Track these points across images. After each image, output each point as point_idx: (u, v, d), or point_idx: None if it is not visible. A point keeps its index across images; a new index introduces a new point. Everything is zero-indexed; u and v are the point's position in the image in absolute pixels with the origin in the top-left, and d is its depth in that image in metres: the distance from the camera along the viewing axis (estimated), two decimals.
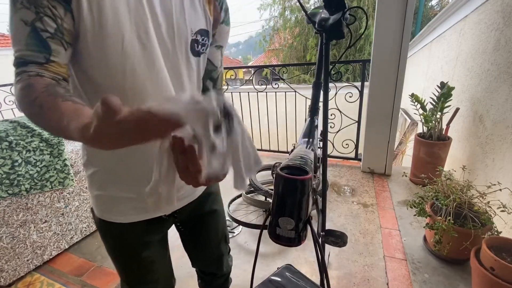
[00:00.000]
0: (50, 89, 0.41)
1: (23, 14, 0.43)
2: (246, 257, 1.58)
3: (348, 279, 1.38)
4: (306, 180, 0.41)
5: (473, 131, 1.95)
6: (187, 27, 0.59)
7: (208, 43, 0.66)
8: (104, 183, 0.64)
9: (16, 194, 1.38)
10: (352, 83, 2.55)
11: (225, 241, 0.94)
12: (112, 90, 0.53)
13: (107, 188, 0.64)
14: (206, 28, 0.63)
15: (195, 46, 0.62)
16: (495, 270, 1.02)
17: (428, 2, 9.85)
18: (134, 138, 0.28)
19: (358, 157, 2.73)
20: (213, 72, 0.75)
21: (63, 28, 0.46)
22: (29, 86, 0.41)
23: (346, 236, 1.04)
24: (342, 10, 0.83)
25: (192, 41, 0.61)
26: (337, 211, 1.95)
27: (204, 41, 0.63)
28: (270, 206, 0.44)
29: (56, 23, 0.45)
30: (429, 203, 1.43)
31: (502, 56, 1.61)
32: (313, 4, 11.01)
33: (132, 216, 0.66)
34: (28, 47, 0.44)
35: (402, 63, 2.08)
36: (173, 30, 0.57)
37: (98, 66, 0.51)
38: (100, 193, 0.66)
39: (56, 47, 0.46)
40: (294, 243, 0.43)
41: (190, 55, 0.61)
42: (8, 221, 1.37)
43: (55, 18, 0.45)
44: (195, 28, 0.60)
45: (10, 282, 1.44)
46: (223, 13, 0.68)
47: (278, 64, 8.30)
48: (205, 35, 0.63)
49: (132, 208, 0.65)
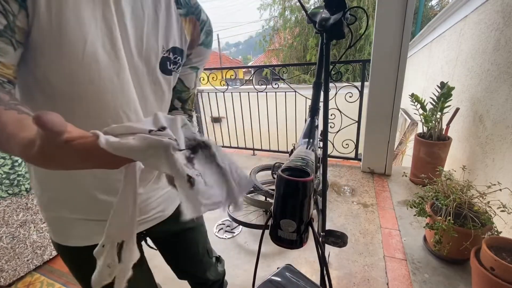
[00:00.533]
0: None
1: None
2: (246, 257, 1.58)
3: (348, 279, 1.38)
4: (307, 182, 0.41)
5: (473, 131, 1.95)
6: (158, 43, 0.56)
7: (181, 62, 0.63)
8: (54, 204, 0.59)
9: (16, 194, 1.38)
10: (352, 83, 2.55)
11: (209, 255, 0.91)
12: (71, 96, 0.49)
13: (58, 210, 0.59)
14: (180, 47, 0.61)
15: (167, 64, 0.59)
16: (495, 270, 1.02)
17: (428, 2, 9.86)
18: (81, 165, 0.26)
19: (358, 157, 2.73)
20: (183, 93, 0.72)
21: (15, 26, 0.41)
22: None
23: (346, 236, 1.04)
24: (343, 10, 0.83)
25: (163, 59, 0.58)
26: (337, 211, 1.95)
27: (177, 60, 0.61)
28: (270, 206, 0.44)
29: (7, 20, 0.40)
30: (429, 203, 1.43)
31: (502, 56, 1.62)
32: (313, 4, 11.01)
33: (88, 239, 0.60)
34: None
35: (402, 63, 2.08)
36: (142, 44, 0.54)
37: (55, 70, 0.47)
38: (52, 214, 0.60)
39: (4, 46, 0.41)
40: (296, 246, 0.43)
41: (159, 72, 0.59)
42: (8, 221, 1.37)
43: (6, 14, 0.40)
44: (167, 45, 0.58)
45: (10, 282, 1.44)
46: (203, 36, 0.66)
47: (278, 64, 8.30)
48: (179, 54, 0.61)
49: (87, 230, 0.60)
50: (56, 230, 0.62)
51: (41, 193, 0.59)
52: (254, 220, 1.87)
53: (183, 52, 0.63)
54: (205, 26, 0.65)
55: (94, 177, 0.56)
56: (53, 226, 0.62)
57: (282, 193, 0.42)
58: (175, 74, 0.64)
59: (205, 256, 0.89)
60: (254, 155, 3.24)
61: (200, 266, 0.89)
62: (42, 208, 0.61)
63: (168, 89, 0.64)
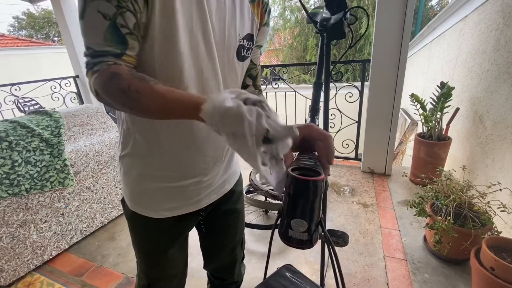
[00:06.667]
0: (135, 75, 0.44)
1: (102, 6, 0.42)
2: (246, 257, 1.57)
3: (348, 279, 1.38)
4: (318, 181, 0.41)
5: (473, 131, 1.95)
6: (236, 33, 0.60)
7: (252, 47, 0.67)
8: (141, 172, 0.64)
9: (16, 194, 1.38)
10: (352, 83, 2.55)
11: (241, 246, 0.94)
12: (172, 81, 0.54)
13: (143, 180, 0.65)
14: (252, 33, 0.65)
15: (241, 51, 0.63)
16: (495, 270, 1.02)
17: (428, 2, 9.85)
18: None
19: (358, 157, 2.73)
20: (252, 70, 0.76)
21: (141, 23, 0.46)
22: (115, 75, 0.43)
23: (347, 236, 1.04)
24: (344, 10, 0.83)
25: (239, 47, 0.62)
26: (337, 211, 1.95)
27: (249, 46, 0.65)
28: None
29: (136, 18, 0.45)
30: (429, 203, 1.43)
31: (502, 56, 1.62)
32: (313, 4, 11.01)
33: (163, 212, 0.67)
34: (107, 42, 0.44)
35: (402, 63, 2.08)
36: (225, 36, 0.58)
37: (160, 63, 0.52)
38: (136, 184, 0.66)
39: (133, 42, 0.46)
40: (306, 245, 0.42)
41: (235, 60, 0.63)
42: (8, 221, 1.37)
43: (135, 13, 0.44)
44: (242, 34, 0.62)
45: (10, 282, 1.44)
46: (266, 16, 0.69)
47: (278, 64, 8.30)
48: (250, 40, 0.65)
49: (164, 204, 0.66)
50: (136, 200, 0.68)
51: (133, 160, 0.64)
52: (254, 220, 1.87)
53: (254, 37, 0.66)
54: (267, 7, 0.68)
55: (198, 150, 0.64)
56: (134, 196, 0.68)
57: (293, 193, 0.42)
58: (248, 59, 0.68)
59: (238, 245, 0.92)
60: None
61: (231, 255, 0.91)
62: (131, 179, 0.66)
63: (241, 74, 0.68)
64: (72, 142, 1.68)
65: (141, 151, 0.62)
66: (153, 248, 0.74)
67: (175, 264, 0.78)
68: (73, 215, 1.68)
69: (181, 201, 0.68)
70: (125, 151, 0.65)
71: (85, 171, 1.71)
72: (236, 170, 0.82)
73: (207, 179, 0.69)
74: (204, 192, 0.70)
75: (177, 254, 0.77)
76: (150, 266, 0.77)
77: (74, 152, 1.66)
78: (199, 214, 0.74)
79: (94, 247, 1.73)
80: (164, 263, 0.75)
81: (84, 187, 1.72)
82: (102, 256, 1.65)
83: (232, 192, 0.81)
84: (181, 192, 0.67)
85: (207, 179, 0.69)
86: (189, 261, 0.85)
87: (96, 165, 1.77)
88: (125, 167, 0.66)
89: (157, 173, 0.64)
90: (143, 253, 0.76)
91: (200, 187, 0.68)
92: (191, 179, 0.66)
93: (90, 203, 1.77)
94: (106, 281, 1.47)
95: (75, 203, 1.68)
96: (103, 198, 1.85)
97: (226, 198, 0.79)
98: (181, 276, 0.84)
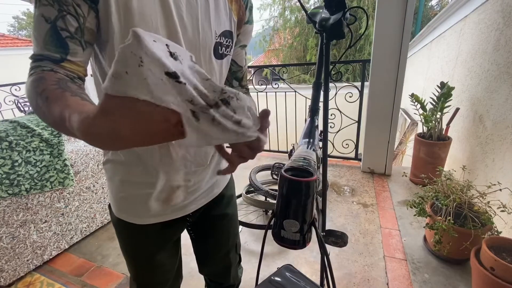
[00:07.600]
0: (61, 84, 0.40)
1: (46, 10, 0.42)
2: (246, 257, 1.58)
3: (348, 279, 1.38)
4: (311, 182, 0.41)
5: (473, 131, 1.95)
6: (211, 30, 0.57)
7: (232, 45, 0.64)
8: (123, 179, 0.63)
9: (16, 194, 1.38)
10: (352, 83, 2.55)
11: (235, 250, 0.92)
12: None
13: (126, 186, 0.64)
14: (230, 30, 0.62)
15: (218, 49, 0.61)
16: (495, 270, 1.02)
17: (428, 2, 9.85)
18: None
19: (358, 157, 2.73)
20: (238, 73, 0.75)
21: (85, 27, 0.45)
22: (40, 79, 0.41)
23: (347, 236, 1.04)
24: (343, 10, 0.83)
25: (215, 44, 0.59)
26: (337, 211, 1.95)
27: (228, 43, 0.62)
28: (270, 206, 0.44)
29: (78, 22, 0.44)
30: (429, 203, 1.43)
31: (502, 56, 1.62)
32: (313, 4, 11.01)
33: (147, 218, 0.66)
34: (46, 46, 0.43)
35: (402, 63, 2.08)
36: (198, 33, 0.56)
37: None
38: (119, 191, 0.65)
39: (75, 47, 0.45)
40: (299, 246, 0.42)
41: (212, 58, 0.60)
42: (8, 221, 1.37)
43: (77, 17, 0.44)
44: (219, 30, 0.59)
45: (10, 282, 1.44)
46: (247, 12, 0.66)
47: (278, 64, 8.30)
48: (229, 37, 0.62)
49: (148, 211, 0.65)
50: (121, 207, 0.67)
51: (113, 167, 0.63)
52: (254, 220, 1.87)
53: (233, 34, 0.63)
54: (248, 2, 0.66)
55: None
56: (119, 202, 0.67)
57: (285, 193, 0.42)
58: (228, 57, 0.65)
59: (232, 250, 0.91)
60: None
61: (225, 259, 0.90)
62: (114, 185, 0.65)
63: (219, 73, 0.65)
64: (72, 142, 1.68)
65: (121, 157, 0.62)
66: (140, 255, 0.73)
67: (165, 269, 0.77)
68: (73, 215, 1.68)
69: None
70: (107, 157, 0.64)
71: (85, 171, 1.71)
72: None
73: (192, 184, 0.68)
74: (190, 198, 0.69)
75: (166, 259, 0.76)
76: (138, 272, 0.76)
77: (74, 152, 1.66)
78: (186, 220, 0.73)
79: (94, 247, 1.73)
80: (153, 269, 0.75)
81: (84, 187, 1.72)
82: (102, 256, 1.65)
83: (222, 196, 0.80)
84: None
85: (191, 184, 0.68)
86: (189, 261, 0.85)
87: (96, 165, 1.77)
88: (108, 174, 0.66)
89: (139, 179, 0.63)
90: (131, 259, 0.75)
91: (184, 193, 0.68)
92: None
93: (90, 203, 1.77)
94: (106, 281, 1.47)
95: (75, 203, 1.68)
96: (103, 198, 1.85)
97: (215, 203, 0.78)
98: (173, 282, 0.83)
